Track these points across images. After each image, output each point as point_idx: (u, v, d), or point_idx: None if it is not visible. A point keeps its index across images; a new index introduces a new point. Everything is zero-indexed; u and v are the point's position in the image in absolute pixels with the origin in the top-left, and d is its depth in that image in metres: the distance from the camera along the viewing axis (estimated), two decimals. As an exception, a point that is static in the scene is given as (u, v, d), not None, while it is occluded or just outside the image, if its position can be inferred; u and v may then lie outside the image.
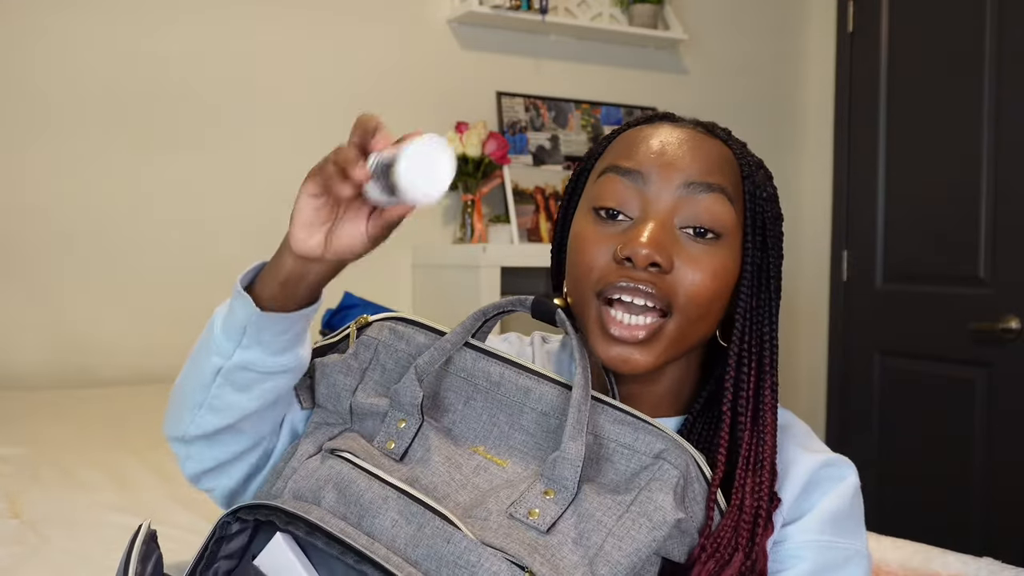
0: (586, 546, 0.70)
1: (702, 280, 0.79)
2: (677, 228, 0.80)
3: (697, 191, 0.80)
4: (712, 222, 0.79)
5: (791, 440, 0.86)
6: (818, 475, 0.83)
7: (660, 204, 0.80)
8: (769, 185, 0.85)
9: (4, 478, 1.59)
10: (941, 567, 1.23)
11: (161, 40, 2.50)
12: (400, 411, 0.81)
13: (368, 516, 0.73)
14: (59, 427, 1.91)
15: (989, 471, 2.70)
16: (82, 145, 2.43)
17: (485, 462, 0.78)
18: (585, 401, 0.75)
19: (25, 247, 2.38)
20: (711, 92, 3.26)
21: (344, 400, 0.85)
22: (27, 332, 2.37)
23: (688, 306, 0.79)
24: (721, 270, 0.80)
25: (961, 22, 2.77)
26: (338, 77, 2.70)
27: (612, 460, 0.75)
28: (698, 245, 0.79)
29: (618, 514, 0.71)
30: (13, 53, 2.35)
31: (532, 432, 0.78)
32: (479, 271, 2.51)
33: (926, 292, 2.88)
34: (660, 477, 0.72)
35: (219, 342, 0.81)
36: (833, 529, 0.81)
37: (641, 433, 0.75)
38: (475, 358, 0.83)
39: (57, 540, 1.33)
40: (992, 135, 2.69)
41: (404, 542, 0.71)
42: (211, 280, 2.56)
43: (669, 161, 0.81)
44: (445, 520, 0.71)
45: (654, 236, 0.77)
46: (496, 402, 0.80)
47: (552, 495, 0.72)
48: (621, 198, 0.81)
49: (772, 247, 0.83)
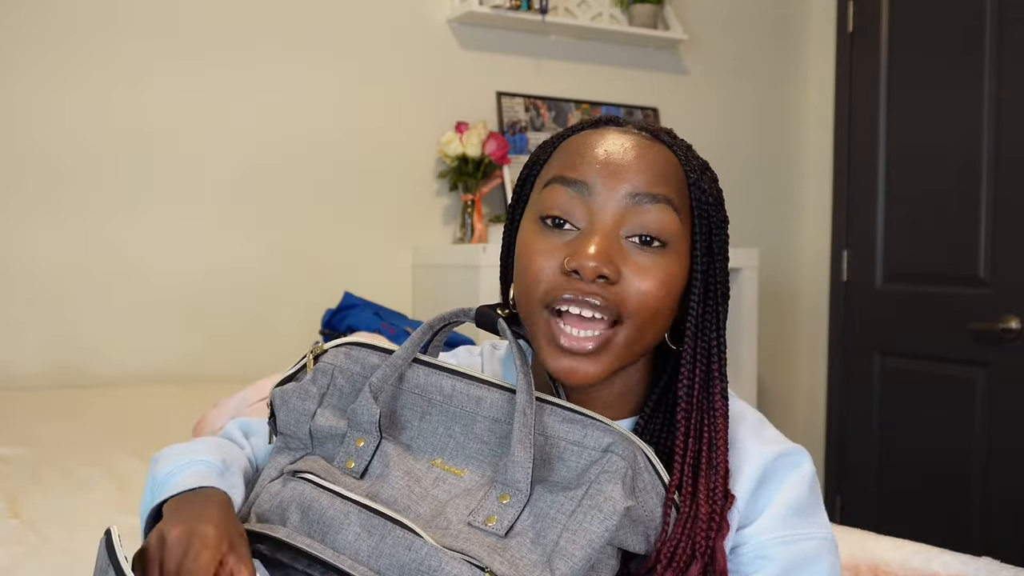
0: (543, 544, 0.73)
1: (650, 289, 0.79)
2: (623, 237, 0.80)
3: (643, 202, 0.80)
4: (659, 232, 0.80)
5: (744, 431, 0.86)
6: (772, 467, 0.83)
7: (606, 214, 0.80)
8: (714, 189, 0.86)
9: (4, 478, 1.59)
10: (941, 567, 1.23)
11: (155, 42, 2.50)
12: (358, 430, 0.83)
13: (331, 532, 0.76)
14: (59, 427, 1.91)
15: (989, 471, 2.70)
16: (79, 146, 2.43)
17: (444, 473, 0.80)
18: (530, 405, 0.77)
19: (25, 247, 2.38)
20: (711, 92, 3.26)
21: (303, 425, 0.87)
22: (27, 332, 2.37)
23: (637, 315, 0.80)
24: (669, 278, 0.80)
25: (961, 22, 2.77)
26: (338, 77, 2.70)
27: (563, 458, 0.77)
28: (645, 254, 0.80)
29: (571, 509, 0.73)
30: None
31: (486, 440, 0.80)
32: (479, 271, 2.51)
33: (926, 292, 2.88)
34: (609, 469, 0.74)
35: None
36: (795, 521, 0.82)
37: (590, 429, 0.77)
38: (427, 373, 0.85)
39: (57, 540, 1.33)
40: (992, 135, 2.69)
41: (367, 554, 0.74)
42: (211, 280, 2.57)
43: (614, 171, 0.81)
44: (406, 529, 0.73)
45: (601, 248, 0.78)
46: (450, 414, 0.83)
47: (508, 499, 0.75)
48: (567, 208, 0.81)
49: (718, 252, 0.84)
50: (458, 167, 2.73)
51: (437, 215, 2.83)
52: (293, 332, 2.62)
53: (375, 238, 2.77)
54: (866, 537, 1.32)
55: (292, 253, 2.66)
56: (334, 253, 2.71)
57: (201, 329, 2.54)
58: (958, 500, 2.77)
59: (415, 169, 2.81)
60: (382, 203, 2.77)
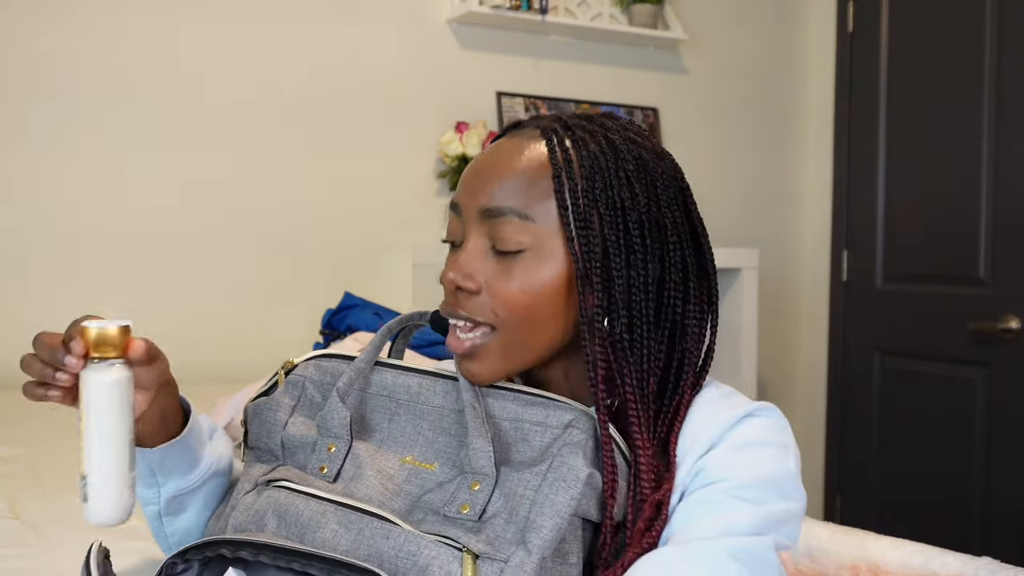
0: (516, 522, 0.76)
1: (510, 293, 0.83)
2: (490, 248, 0.85)
3: (489, 216, 0.84)
4: (503, 244, 0.84)
5: (704, 407, 0.86)
6: (727, 430, 0.83)
7: (470, 232, 0.86)
8: (612, 172, 0.84)
9: (4, 478, 1.59)
10: (941, 567, 1.23)
11: (164, 34, 2.50)
12: (329, 436, 0.86)
13: (309, 532, 0.78)
14: (59, 427, 1.91)
15: (988, 471, 2.70)
16: (81, 144, 2.43)
17: (416, 468, 0.83)
18: (475, 398, 0.83)
19: (25, 247, 2.38)
20: (711, 92, 3.26)
21: (275, 435, 0.90)
22: (27, 332, 2.36)
23: (507, 319, 0.84)
24: (530, 280, 0.83)
25: (961, 22, 2.77)
26: (338, 77, 2.70)
27: (528, 439, 0.81)
28: (504, 261, 0.84)
29: (536, 484, 0.77)
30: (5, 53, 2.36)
31: (454, 433, 0.84)
32: (479, 271, 2.51)
33: (926, 292, 2.88)
34: (570, 442, 0.78)
35: (140, 496, 0.91)
36: (747, 451, 0.82)
37: (551, 409, 0.81)
38: (394, 375, 0.89)
39: (57, 540, 1.33)
40: (992, 135, 2.69)
41: (346, 547, 0.76)
42: (210, 279, 2.56)
43: (471, 191, 0.87)
44: (383, 520, 0.76)
45: (457, 263, 0.85)
46: (417, 412, 0.86)
47: (477, 486, 0.78)
48: (451, 229, 0.89)
49: (613, 240, 0.83)
50: (458, 167, 2.73)
51: (437, 215, 2.83)
52: (293, 332, 2.62)
53: (375, 238, 2.76)
54: (866, 537, 1.32)
55: (292, 253, 2.66)
56: (334, 253, 2.71)
57: (201, 329, 2.54)
58: (958, 500, 2.77)
59: (415, 169, 2.81)
60: (382, 203, 2.77)
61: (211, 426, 0.99)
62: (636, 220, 0.84)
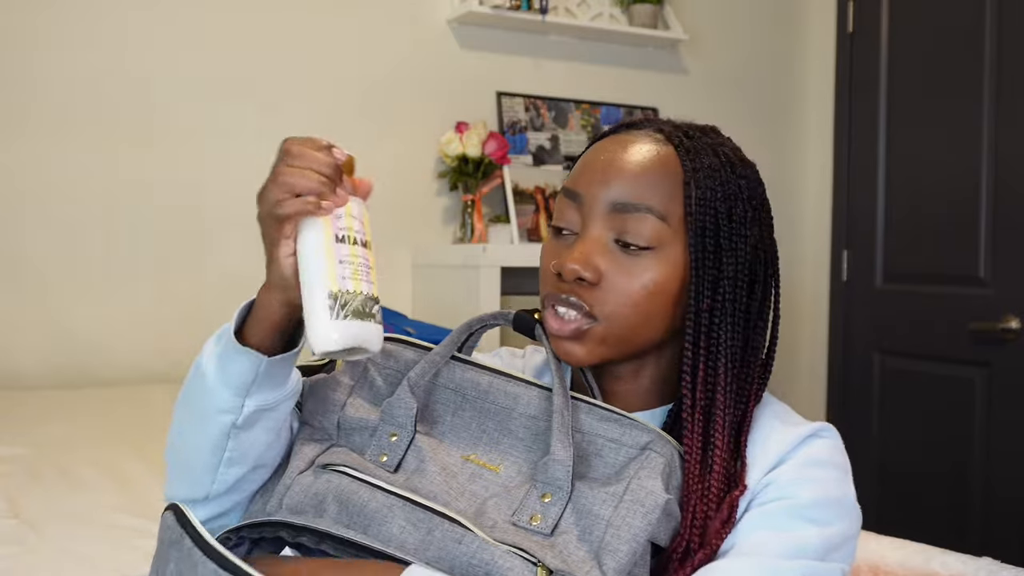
0: (590, 541, 0.74)
1: (631, 289, 0.84)
2: (611, 241, 0.85)
3: (623, 210, 0.85)
4: (635, 239, 0.84)
5: (769, 420, 0.88)
6: (795, 448, 0.85)
7: (593, 222, 0.86)
8: (729, 184, 0.87)
9: (4, 478, 1.59)
10: (941, 567, 1.23)
11: (164, 34, 2.50)
12: (391, 424, 0.83)
13: (375, 525, 0.75)
14: (59, 427, 1.91)
15: (988, 471, 2.70)
16: (80, 143, 2.43)
17: (479, 469, 0.81)
18: (566, 405, 0.80)
19: (25, 246, 2.38)
20: (711, 92, 3.26)
21: (332, 415, 0.87)
22: (27, 332, 2.37)
23: (614, 313, 0.84)
24: (652, 279, 0.84)
25: (961, 22, 2.77)
26: (338, 77, 2.70)
27: (601, 455, 0.79)
28: (628, 257, 0.84)
29: (613, 505, 0.75)
30: (9, 50, 2.36)
31: (521, 436, 0.82)
32: (479, 271, 2.51)
33: (926, 292, 2.88)
34: (648, 465, 0.77)
35: (223, 400, 0.81)
36: (813, 469, 0.84)
37: (627, 428, 0.80)
38: (464, 370, 0.87)
39: (57, 540, 1.33)
40: (992, 135, 2.69)
41: (414, 547, 0.73)
42: (211, 279, 2.56)
43: (600, 182, 0.86)
44: (454, 523, 0.73)
45: (581, 253, 0.84)
46: (484, 410, 0.84)
47: (549, 498, 0.76)
48: (567, 217, 0.88)
49: (727, 248, 0.85)
50: (458, 167, 2.73)
51: (437, 215, 2.83)
52: (293, 332, 2.62)
53: (375, 238, 2.76)
54: (866, 537, 1.31)
55: (292, 253, 2.65)
56: (334, 253, 2.70)
57: (202, 328, 2.54)
58: (958, 500, 2.77)
59: (415, 169, 2.81)
60: (382, 203, 2.76)
61: None
62: (743, 234, 0.86)
